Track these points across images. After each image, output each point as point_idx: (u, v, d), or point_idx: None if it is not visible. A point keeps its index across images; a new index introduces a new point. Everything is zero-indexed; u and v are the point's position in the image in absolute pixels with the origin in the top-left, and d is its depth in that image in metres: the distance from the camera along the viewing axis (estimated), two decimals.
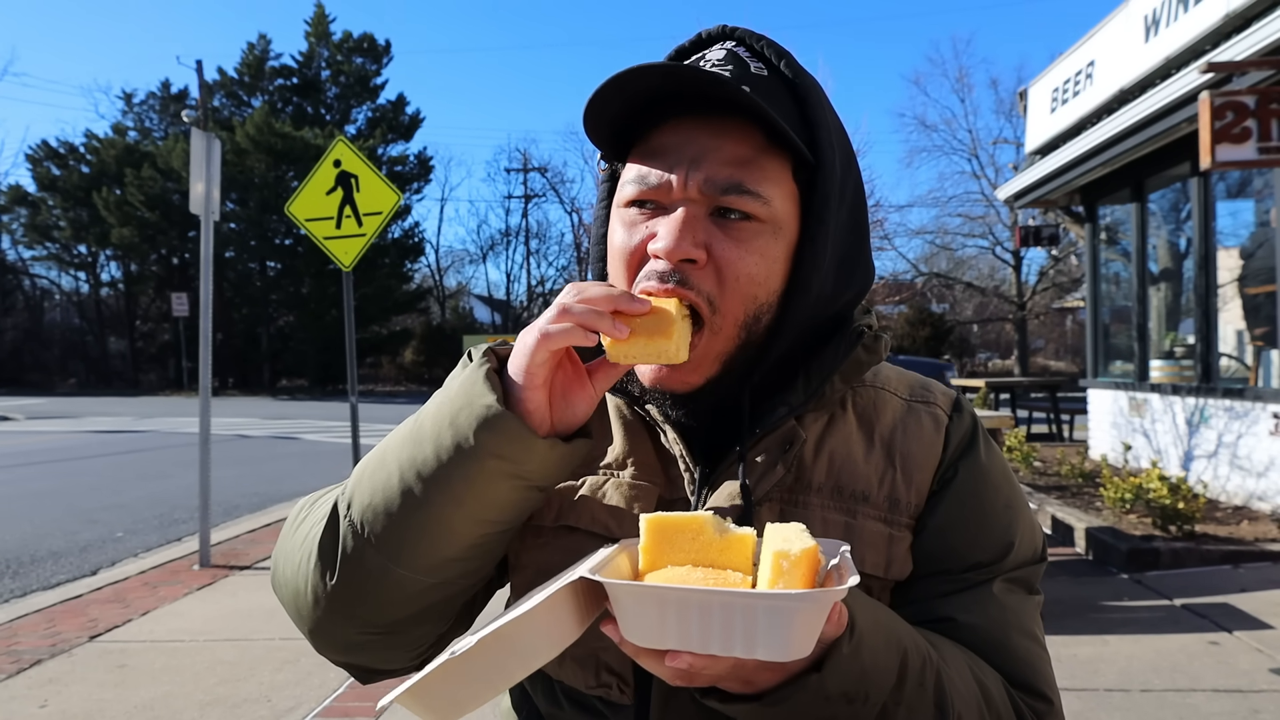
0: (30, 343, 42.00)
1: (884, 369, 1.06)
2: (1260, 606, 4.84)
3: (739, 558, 0.75)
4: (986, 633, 0.92)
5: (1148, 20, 8.45)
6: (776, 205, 0.90)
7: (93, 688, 4.06)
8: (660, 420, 0.97)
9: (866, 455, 0.97)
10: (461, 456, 0.81)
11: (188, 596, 5.53)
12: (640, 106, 0.90)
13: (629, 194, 0.92)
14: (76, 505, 9.25)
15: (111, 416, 22.44)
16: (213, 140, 6.53)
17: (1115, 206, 10.63)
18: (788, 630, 0.67)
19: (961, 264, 36.78)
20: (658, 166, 0.90)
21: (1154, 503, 6.19)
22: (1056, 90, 10.73)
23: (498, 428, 0.80)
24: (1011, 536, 0.97)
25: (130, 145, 38.74)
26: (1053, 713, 0.93)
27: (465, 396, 0.83)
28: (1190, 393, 8.35)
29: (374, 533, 0.85)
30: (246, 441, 15.96)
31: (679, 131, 0.90)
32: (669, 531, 0.75)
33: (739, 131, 0.89)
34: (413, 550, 0.85)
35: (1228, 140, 6.08)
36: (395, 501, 0.84)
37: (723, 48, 0.94)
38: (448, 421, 0.83)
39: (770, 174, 0.89)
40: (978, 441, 1.01)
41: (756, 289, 0.90)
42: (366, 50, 39.25)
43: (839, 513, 0.94)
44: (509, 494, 0.84)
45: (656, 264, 0.88)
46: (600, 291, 0.82)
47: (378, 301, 35.75)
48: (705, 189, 0.88)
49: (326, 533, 0.89)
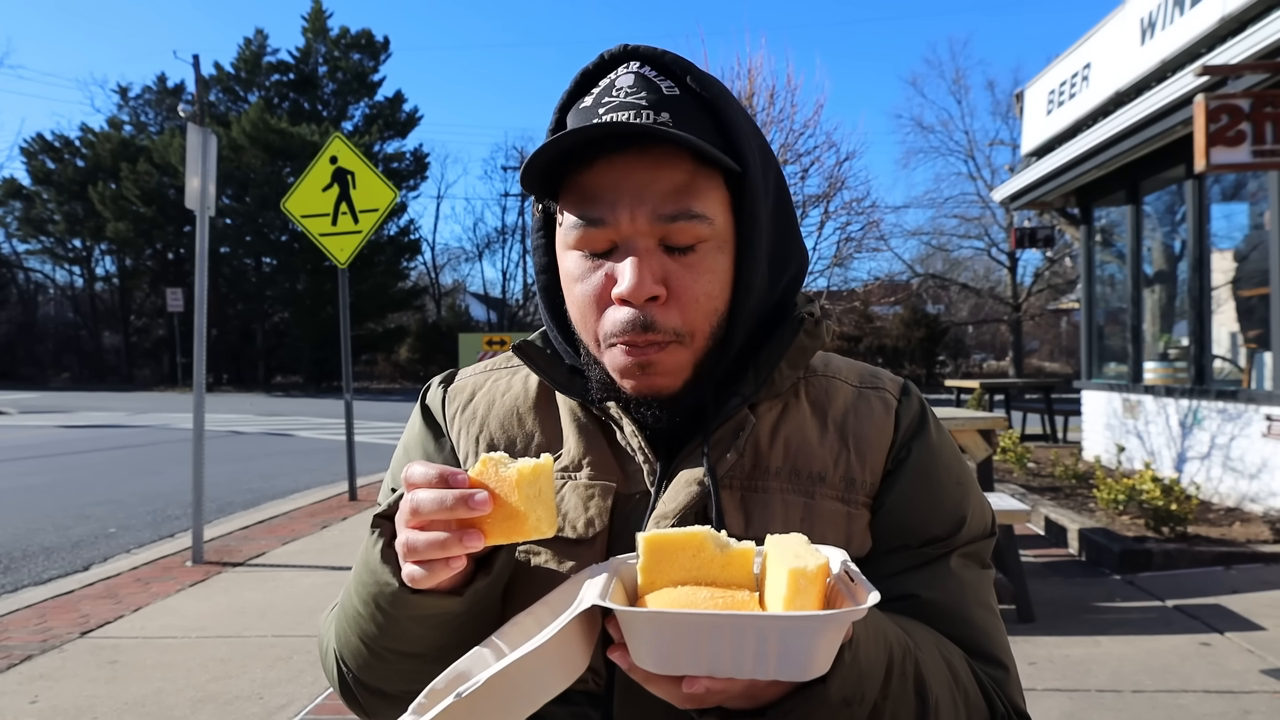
0: (24, 337, 41.90)
1: (834, 360, 1.11)
2: (1252, 608, 4.86)
3: (740, 573, 0.74)
4: (947, 606, 0.97)
5: (1144, 23, 8.47)
6: (718, 221, 0.93)
7: (84, 684, 4.05)
8: (618, 417, 0.99)
9: (821, 438, 1.01)
10: (396, 628, 0.88)
11: (180, 593, 5.52)
12: (568, 149, 0.92)
13: (575, 238, 0.94)
14: (69, 500, 9.22)
15: (105, 411, 22.39)
16: (209, 135, 6.51)
17: (1110, 208, 10.65)
18: (811, 650, 0.67)
19: (957, 265, 36.82)
20: (598, 210, 0.91)
21: (1147, 504, 6.21)
22: (1053, 92, 10.75)
23: (411, 604, 0.85)
24: (964, 511, 1.02)
25: (126, 139, 38.64)
26: (1009, 679, 0.99)
27: (374, 582, 0.87)
28: (1184, 395, 8.37)
29: (375, 684, 0.96)
30: (240, 438, 15.92)
31: (611, 170, 0.91)
32: (668, 550, 0.74)
33: (671, 159, 0.91)
34: (414, 681, 0.89)
35: (1223, 143, 6.09)
36: (372, 662, 0.94)
37: (630, 71, 0.95)
38: (372, 604, 0.88)
39: (707, 192, 0.93)
40: (928, 422, 1.05)
41: (714, 302, 0.94)
42: (364, 47, 39.19)
43: (797, 494, 0.98)
44: (455, 631, 0.88)
45: (620, 313, 0.92)
46: (431, 502, 0.78)
47: (373, 298, 35.72)
48: (654, 221, 0.91)
49: (342, 685, 1.00)
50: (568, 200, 0.95)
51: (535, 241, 1.04)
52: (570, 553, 0.96)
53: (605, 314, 0.94)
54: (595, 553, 0.95)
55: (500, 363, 1.16)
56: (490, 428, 1.07)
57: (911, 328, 31.64)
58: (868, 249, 8.67)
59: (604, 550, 0.96)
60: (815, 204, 7.96)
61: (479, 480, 0.78)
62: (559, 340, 1.05)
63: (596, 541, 0.96)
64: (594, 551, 0.96)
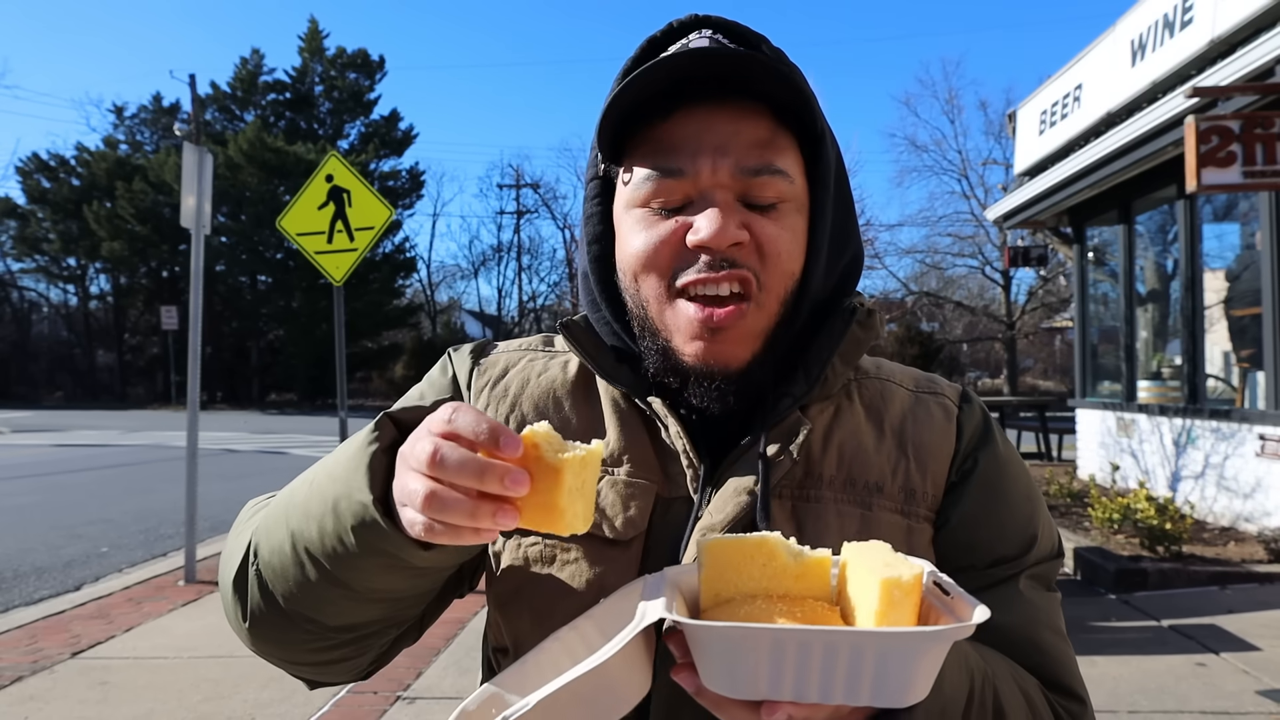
0: (17, 355, 41.73)
1: (886, 363, 1.04)
2: (1247, 628, 4.85)
3: (816, 585, 0.67)
4: (1017, 632, 0.90)
5: (1134, 45, 8.55)
6: (797, 182, 0.89)
7: (74, 705, 4.02)
8: (663, 415, 0.92)
9: (877, 446, 0.94)
10: (344, 549, 0.75)
11: (172, 612, 5.49)
12: (644, 100, 0.87)
13: (649, 191, 0.88)
14: (61, 520, 9.17)
15: (98, 430, 22.30)
16: (205, 154, 6.53)
17: (1103, 228, 10.71)
18: (911, 673, 0.59)
19: (951, 283, 36.94)
20: (677, 161, 0.86)
21: (1142, 523, 6.21)
22: (1045, 112, 10.82)
23: (375, 530, 0.73)
24: (1034, 529, 0.95)
25: (121, 158, 38.69)
26: (1085, 712, 0.92)
27: (346, 482, 0.75)
28: (1177, 413, 8.39)
29: (277, 591, 0.82)
30: (234, 456, 15.87)
31: (691, 122, 0.87)
32: (735, 558, 0.66)
33: (752, 114, 0.87)
34: (316, 613, 0.81)
35: (1213, 164, 6.14)
36: (290, 571, 0.80)
37: (703, 37, 0.91)
38: (330, 505, 0.76)
39: (786, 151, 0.89)
40: (993, 431, 0.98)
41: (792, 264, 0.89)
42: (360, 66, 39.37)
43: (853, 505, 0.90)
44: (402, 580, 0.78)
45: (703, 255, 0.86)
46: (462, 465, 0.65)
47: (369, 316, 35.70)
48: (736, 174, 0.86)
49: (239, 575, 0.85)
50: (639, 155, 0.89)
51: (589, 209, 0.96)
52: (603, 555, 0.88)
53: (675, 263, 0.87)
54: (630, 558, 0.87)
55: (536, 343, 1.07)
56: (523, 408, 0.98)
57: (906, 345, 31.63)
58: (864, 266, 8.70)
59: (639, 556, 0.88)
60: None
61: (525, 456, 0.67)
62: (610, 320, 0.96)
63: (633, 546, 0.88)
64: (629, 556, 0.87)
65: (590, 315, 0.99)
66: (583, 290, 1.01)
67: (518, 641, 0.90)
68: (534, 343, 1.07)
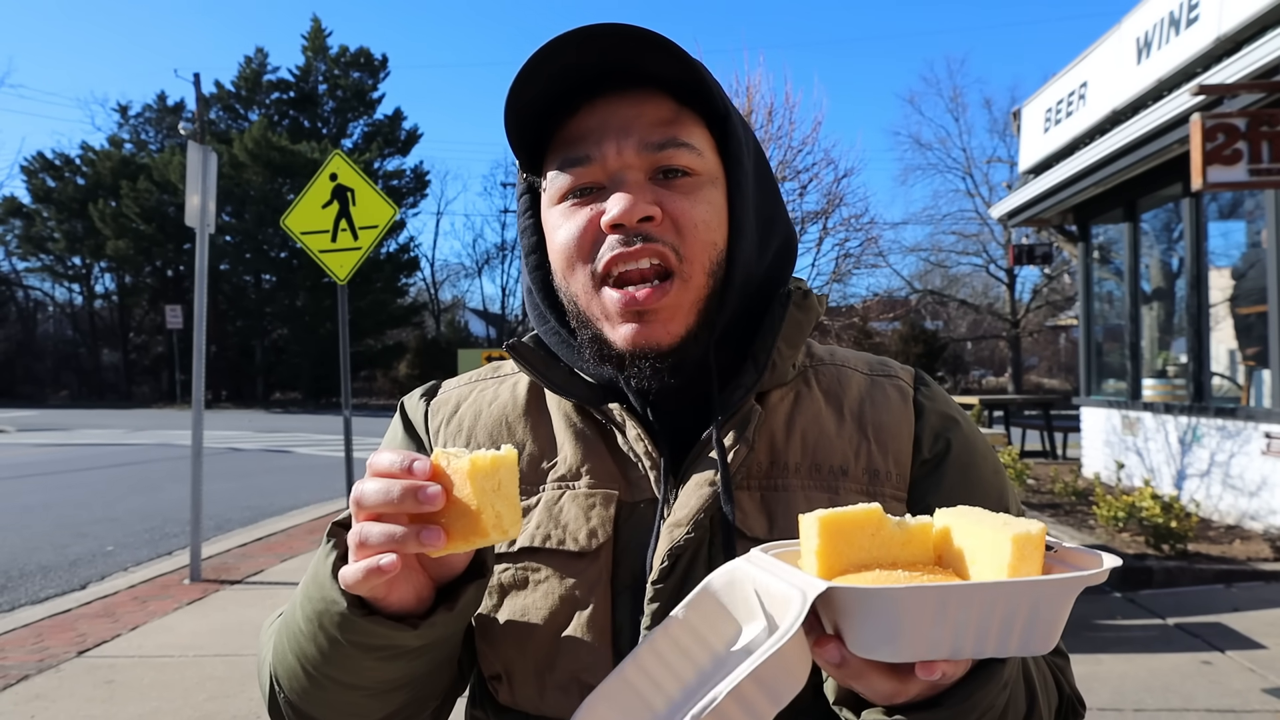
0: (23, 354, 41.86)
1: (840, 350, 1.07)
2: (1253, 626, 4.84)
3: (921, 550, 0.69)
4: None
5: (1140, 43, 8.52)
6: (707, 156, 0.91)
7: (80, 703, 4.03)
8: (622, 420, 0.93)
9: (839, 430, 0.96)
10: (340, 654, 0.80)
11: (178, 611, 5.50)
12: (553, 99, 0.90)
13: (563, 184, 0.91)
14: (66, 519, 9.19)
15: (103, 429, 22.35)
16: (209, 153, 6.54)
17: (1108, 226, 10.69)
18: (1058, 618, 0.62)
19: (955, 281, 36.87)
20: (585, 148, 0.89)
21: (1147, 521, 6.20)
22: (1050, 110, 10.80)
23: (359, 629, 0.77)
24: (1006, 502, 0.98)
25: (126, 157, 38.75)
26: (1069, 666, 0.98)
27: (321, 598, 0.79)
28: (1183, 411, 8.38)
29: (309, 710, 0.87)
30: (239, 455, 15.89)
31: (595, 114, 0.90)
32: (846, 530, 0.67)
33: (654, 98, 0.90)
34: (351, 713, 0.86)
35: (1219, 162, 6.12)
36: (310, 691, 0.85)
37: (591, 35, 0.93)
38: (317, 623, 0.80)
39: (692, 128, 0.91)
40: (956, 411, 1.01)
41: (713, 234, 0.90)
42: (363, 65, 39.38)
43: (820, 490, 0.93)
44: (409, 665, 0.82)
45: (614, 234, 0.87)
46: (376, 494, 0.70)
47: (372, 315, 35.74)
48: (642, 150, 0.89)
49: (272, 705, 0.92)
50: (552, 156, 0.92)
51: (522, 224, 0.99)
52: (572, 568, 0.90)
53: (596, 250, 0.89)
54: (599, 568, 0.89)
55: (486, 373, 1.10)
56: (478, 439, 1.00)
57: (910, 343, 31.60)
58: (866, 265, 8.64)
59: (609, 565, 0.89)
60: (814, 220, 7.96)
61: (437, 474, 0.71)
62: (558, 329, 0.98)
63: (601, 555, 0.89)
64: (598, 566, 0.89)
65: (539, 329, 1.01)
66: (529, 305, 1.03)
67: (509, 668, 0.92)
68: (483, 373, 1.10)
